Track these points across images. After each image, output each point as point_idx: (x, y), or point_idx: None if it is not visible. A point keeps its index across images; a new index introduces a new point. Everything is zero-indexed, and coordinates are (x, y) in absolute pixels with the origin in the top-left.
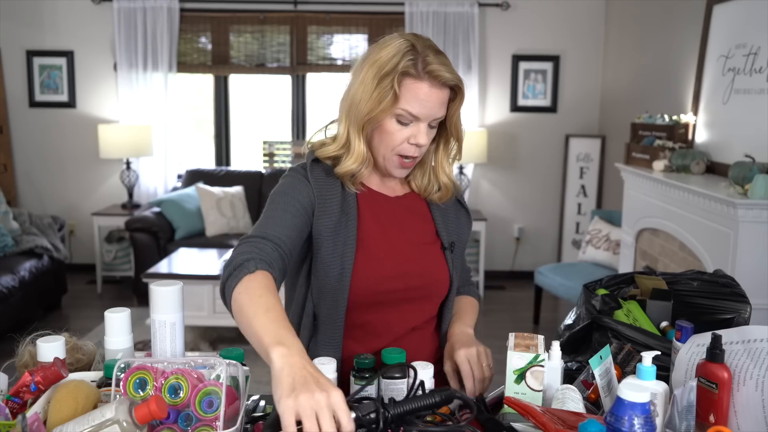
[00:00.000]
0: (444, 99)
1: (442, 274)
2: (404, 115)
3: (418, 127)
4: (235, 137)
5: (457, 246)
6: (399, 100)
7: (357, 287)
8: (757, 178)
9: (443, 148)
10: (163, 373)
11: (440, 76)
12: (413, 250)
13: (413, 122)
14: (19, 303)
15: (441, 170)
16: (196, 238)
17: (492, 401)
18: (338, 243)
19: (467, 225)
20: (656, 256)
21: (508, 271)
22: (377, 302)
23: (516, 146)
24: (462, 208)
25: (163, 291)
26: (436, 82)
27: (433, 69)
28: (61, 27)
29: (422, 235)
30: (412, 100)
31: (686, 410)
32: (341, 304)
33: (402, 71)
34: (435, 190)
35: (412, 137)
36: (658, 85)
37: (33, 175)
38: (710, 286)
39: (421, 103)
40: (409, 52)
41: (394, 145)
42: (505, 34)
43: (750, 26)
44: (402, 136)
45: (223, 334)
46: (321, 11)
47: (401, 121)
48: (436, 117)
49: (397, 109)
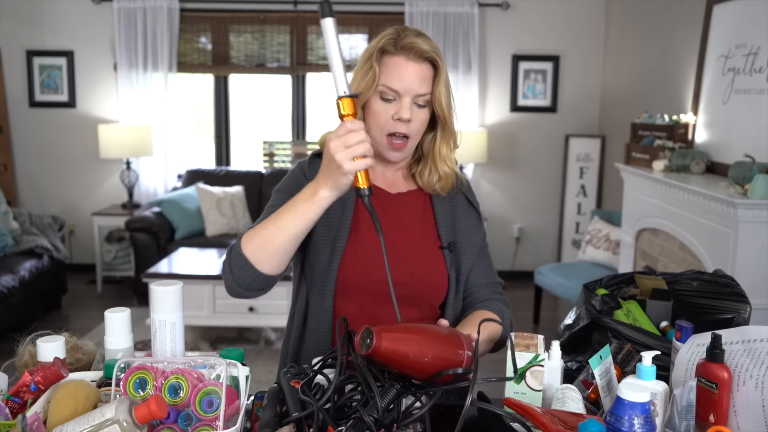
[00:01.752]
0: (424, 74)
1: (437, 276)
2: (386, 90)
3: (401, 103)
4: (235, 137)
5: (466, 249)
6: (380, 77)
7: (345, 275)
8: (757, 178)
9: (441, 135)
10: (163, 373)
11: (415, 48)
12: (407, 247)
13: (396, 99)
14: (19, 303)
15: (440, 159)
16: (196, 238)
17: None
18: (331, 228)
19: (477, 226)
20: (656, 256)
21: (508, 271)
22: (365, 293)
23: (516, 146)
24: (473, 209)
25: (163, 291)
26: (412, 55)
27: (408, 42)
28: (61, 27)
29: (421, 234)
30: (390, 74)
31: (686, 410)
32: (329, 289)
33: (380, 49)
34: (436, 180)
35: (396, 113)
36: (658, 85)
37: (33, 175)
38: (710, 286)
39: (398, 77)
40: (391, 34)
41: (381, 125)
42: (505, 34)
43: (750, 26)
44: (387, 113)
45: (223, 334)
46: None
47: (385, 98)
48: (419, 92)
49: (379, 86)
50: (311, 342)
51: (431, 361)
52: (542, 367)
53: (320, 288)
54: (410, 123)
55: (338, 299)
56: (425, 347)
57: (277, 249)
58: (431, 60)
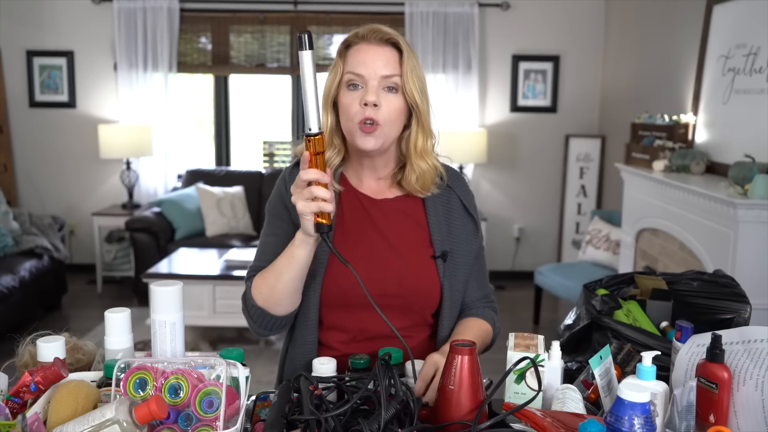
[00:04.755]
0: (387, 56)
1: (428, 285)
2: (351, 77)
3: (367, 88)
4: (235, 137)
5: (461, 257)
6: (345, 67)
7: (328, 286)
8: (757, 178)
9: (416, 129)
10: (163, 373)
11: (375, 32)
12: (394, 255)
13: (363, 86)
14: (19, 303)
15: (416, 154)
16: (196, 238)
17: None
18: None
19: (474, 233)
20: (656, 256)
21: (508, 271)
22: (350, 305)
23: (516, 146)
24: (469, 215)
25: (163, 291)
26: (373, 39)
27: (368, 28)
28: (61, 27)
29: (410, 241)
30: (353, 61)
31: (686, 410)
32: (313, 301)
33: (346, 44)
34: (414, 180)
35: (362, 98)
36: (658, 85)
37: (33, 175)
38: (710, 286)
39: (360, 62)
40: (356, 30)
41: (351, 114)
42: (505, 34)
43: (750, 26)
44: (355, 101)
45: (223, 334)
46: (321, 11)
47: (352, 85)
48: (383, 74)
49: (345, 76)
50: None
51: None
52: (542, 368)
53: (305, 298)
54: (379, 109)
55: (325, 309)
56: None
57: (283, 293)
58: (394, 43)
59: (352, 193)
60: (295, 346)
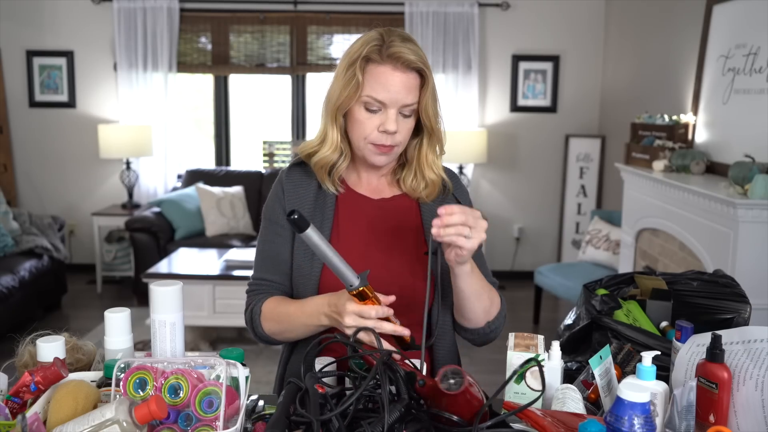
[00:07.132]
0: (411, 84)
1: (423, 282)
2: (370, 101)
3: (387, 114)
4: (235, 137)
5: None
6: (364, 87)
7: (325, 289)
8: (757, 178)
9: (427, 142)
10: (163, 373)
11: (402, 58)
12: (389, 255)
13: (382, 110)
14: (19, 303)
15: (426, 166)
16: (196, 238)
17: None
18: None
19: None
20: (656, 256)
21: (508, 271)
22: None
23: (516, 146)
24: None
25: (163, 291)
26: (399, 65)
27: (395, 51)
28: (61, 27)
29: (404, 240)
30: (375, 84)
31: (686, 410)
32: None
33: (365, 56)
34: (422, 188)
35: (381, 125)
36: (658, 85)
37: (33, 175)
38: (710, 286)
39: (384, 87)
40: (376, 39)
41: (365, 134)
42: (505, 34)
43: (750, 26)
44: (372, 124)
45: (223, 334)
46: (321, 11)
47: (369, 109)
48: (405, 103)
49: (364, 96)
50: (299, 358)
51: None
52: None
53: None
54: (396, 134)
55: None
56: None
57: (294, 337)
58: (418, 69)
59: (349, 194)
60: (298, 351)
